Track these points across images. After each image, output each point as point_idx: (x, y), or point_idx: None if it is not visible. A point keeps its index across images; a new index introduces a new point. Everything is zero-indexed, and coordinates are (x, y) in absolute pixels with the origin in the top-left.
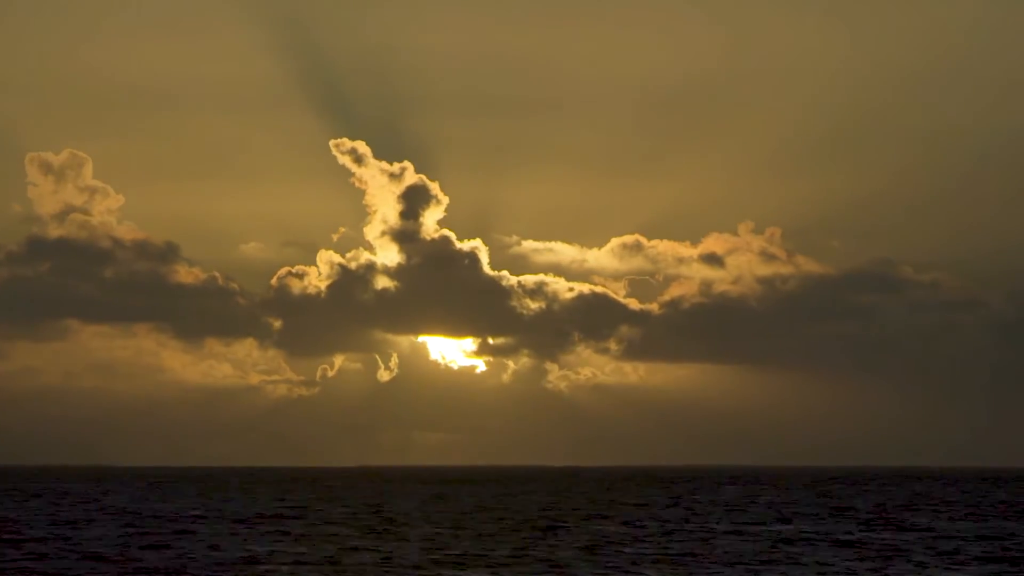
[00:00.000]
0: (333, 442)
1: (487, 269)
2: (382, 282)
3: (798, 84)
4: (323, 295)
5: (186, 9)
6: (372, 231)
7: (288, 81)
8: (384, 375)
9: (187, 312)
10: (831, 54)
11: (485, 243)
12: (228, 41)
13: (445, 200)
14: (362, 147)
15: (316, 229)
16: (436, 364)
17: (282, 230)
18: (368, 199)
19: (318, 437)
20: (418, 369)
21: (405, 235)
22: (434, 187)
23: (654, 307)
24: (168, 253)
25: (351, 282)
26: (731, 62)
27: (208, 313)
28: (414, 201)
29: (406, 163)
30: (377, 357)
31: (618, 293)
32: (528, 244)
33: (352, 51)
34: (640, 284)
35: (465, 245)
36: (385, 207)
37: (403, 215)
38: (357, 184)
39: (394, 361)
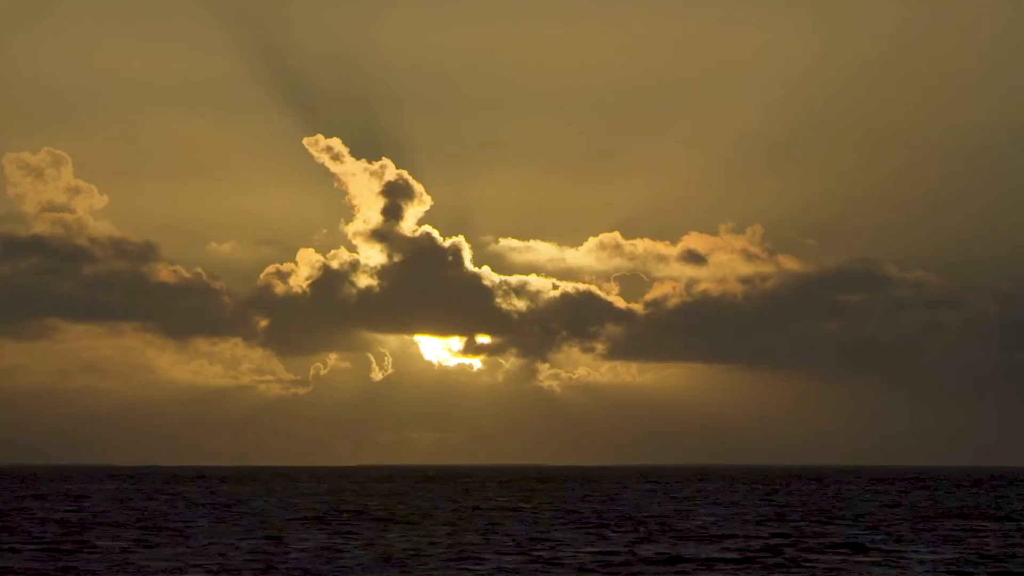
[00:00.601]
0: (318, 441)
1: (471, 267)
2: (366, 281)
3: (770, 82)
4: (307, 294)
5: (155, 9)
6: (353, 229)
7: (259, 79)
8: (373, 374)
9: (171, 311)
10: (801, 53)
11: (467, 241)
12: (198, 40)
13: (427, 198)
14: (338, 145)
15: (296, 227)
16: (425, 363)
17: (262, 228)
18: (348, 197)
19: (306, 436)
20: (406, 368)
21: (387, 233)
22: (416, 185)
23: (639, 306)
24: (148, 252)
25: (335, 281)
26: (702, 61)
27: (192, 312)
28: (395, 199)
29: (385, 160)
30: (367, 356)
31: (603, 292)
32: (507, 243)
33: (323, 50)
34: (624, 283)
35: (448, 243)
36: (366, 205)
37: (385, 213)
38: (336, 182)
39: (383, 360)
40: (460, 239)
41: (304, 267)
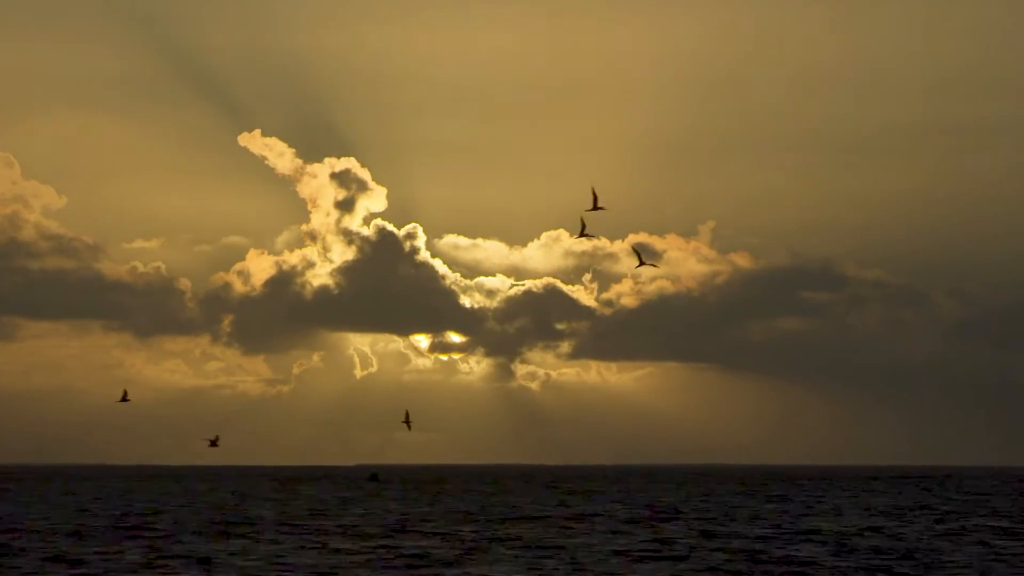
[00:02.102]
0: (290, 440)
1: (432, 266)
2: (326, 280)
3: (712, 81)
4: (262, 295)
5: (75, 8)
6: (304, 227)
7: (187, 78)
8: (337, 373)
9: (130, 310)
10: (736, 52)
11: (419, 239)
12: (124, 40)
13: (380, 195)
14: (278, 144)
15: (248, 226)
16: (385, 361)
17: (215, 228)
18: (294, 196)
19: (278, 436)
20: (367, 366)
21: (341, 232)
22: (369, 183)
23: (596, 305)
24: (99, 251)
25: (291, 280)
26: (642, 61)
27: (147, 311)
28: (347, 197)
29: (334, 159)
30: (333, 355)
31: (558, 291)
32: (455, 240)
33: (248, 49)
34: (579, 281)
35: (407, 241)
36: (315, 203)
37: (337, 210)
38: (279, 180)
39: (345, 359)
40: (420, 237)
41: (261, 267)
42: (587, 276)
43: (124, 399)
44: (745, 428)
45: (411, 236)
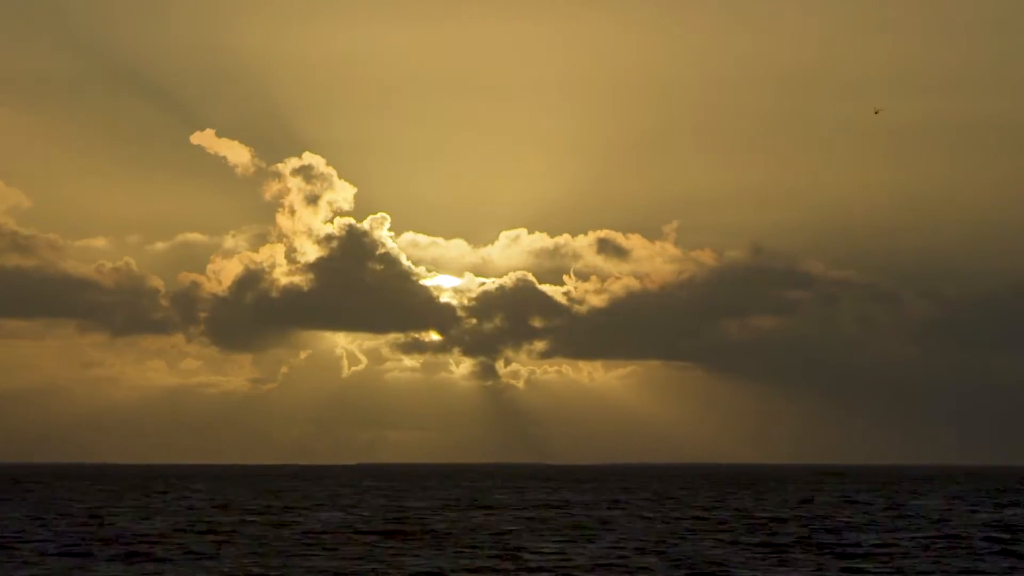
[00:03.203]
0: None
1: (402, 264)
2: (295, 279)
3: (670, 82)
4: (231, 294)
5: (25, 8)
6: (271, 227)
7: (137, 79)
8: (303, 373)
9: (100, 308)
10: (679, 55)
11: (386, 236)
12: (63, 39)
13: (348, 194)
14: (236, 146)
15: (206, 224)
16: (352, 359)
17: (171, 226)
18: (255, 194)
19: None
20: (331, 366)
21: (308, 231)
22: (337, 181)
23: (564, 299)
24: (55, 248)
25: (257, 280)
26: (598, 63)
27: (120, 309)
28: (312, 194)
29: (298, 158)
30: (308, 353)
31: (528, 289)
32: (417, 238)
33: (194, 49)
34: (548, 279)
35: (374, 240)
36: (282, 202)
37: (305, 209)
38: (238, 180)
39: (310, 357)
40: (388, 236)
41: (226, 265)
42: (555, 274)
43: None
44: (703, 427)
45: (375, 231)
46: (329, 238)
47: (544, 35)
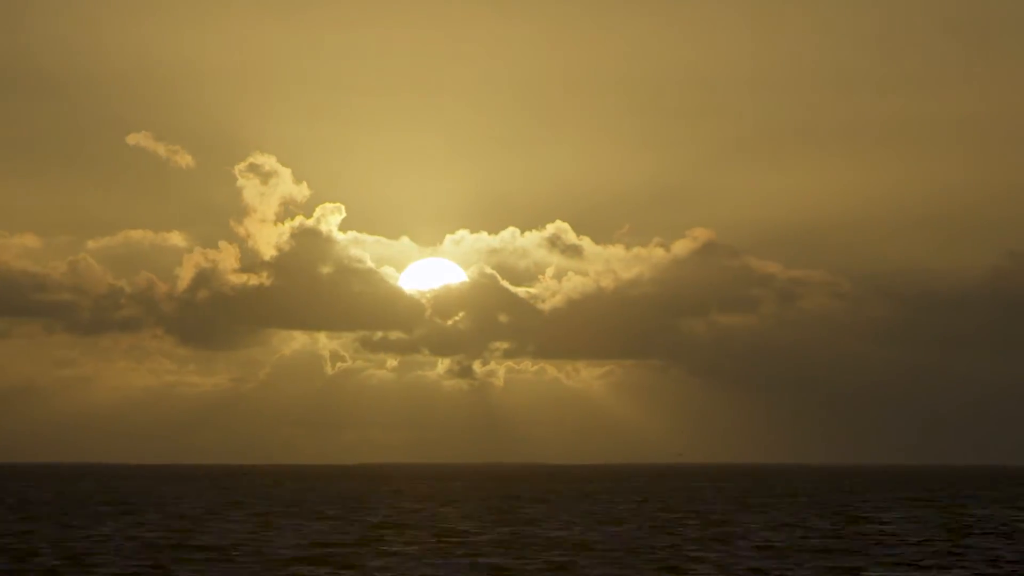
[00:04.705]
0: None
1: (363, 263)
2: (254, 280)
3: (625, 80)
4: (190, 293)
5: None
6: (229, 225)
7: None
8: (265, 372)
9: (62, 307)
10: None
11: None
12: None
13: (303, 191)
14: (179, 149)
15: (149, 223)
16: (318, 359)
17: (113, 224)
18: (202, 193)
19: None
20: (299, 364)
21: (262, 231)
22: (293, 181)
23: (526, 295)
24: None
25: (216, 279)
26: (552, 63)
27: (68, 309)
28: (262, 194)
29: (242, 162)
30: (280, 352)
31: (488, 286)
32: (362, 237)
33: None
34: (507, 277)
35: (337, 238)
36: (236, 201)
37: (258, 208)
38: (179, 178)
39: (276, 357)
40: (349, 234)
41: (189, 265)
42: (510, 273)
43: None
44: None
45: (330, 231)
46: (282, 237)
47: (496, 38)
